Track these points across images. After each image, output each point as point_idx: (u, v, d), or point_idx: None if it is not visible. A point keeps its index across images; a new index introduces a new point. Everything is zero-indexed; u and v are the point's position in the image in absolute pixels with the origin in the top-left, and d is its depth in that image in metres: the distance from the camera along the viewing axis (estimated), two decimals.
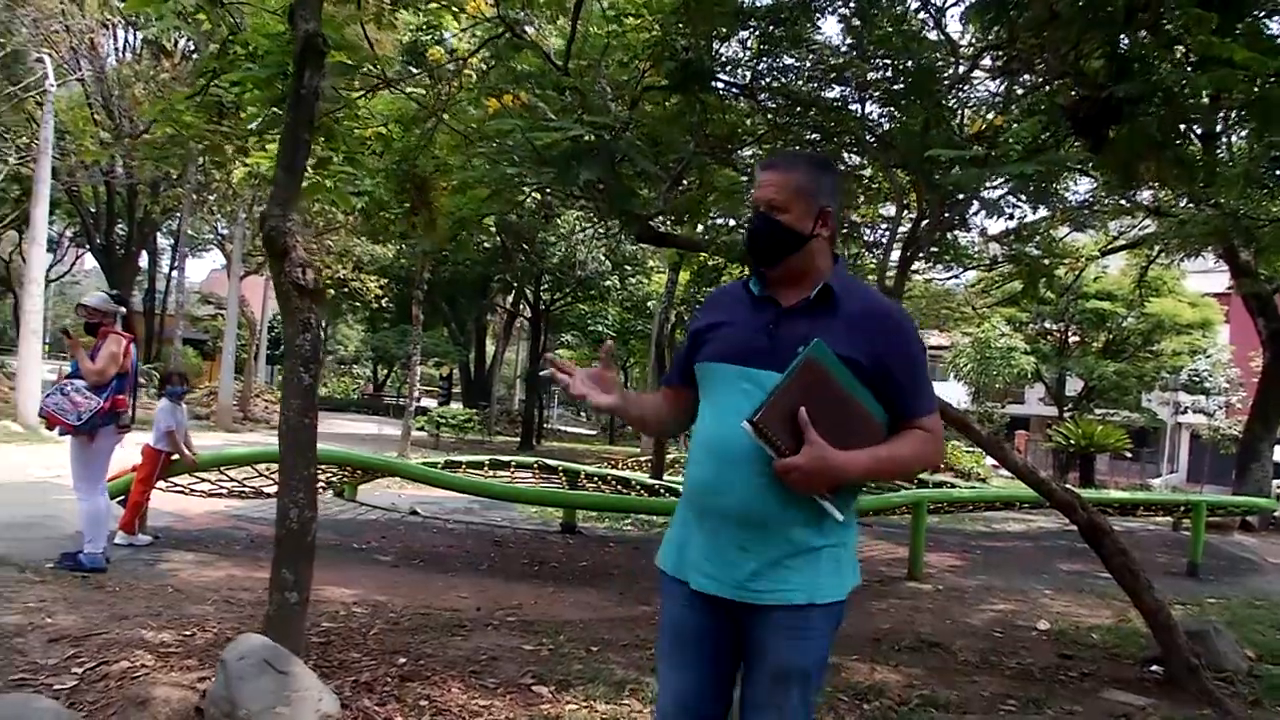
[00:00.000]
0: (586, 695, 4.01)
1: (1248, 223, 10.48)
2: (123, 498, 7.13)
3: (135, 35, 25.31)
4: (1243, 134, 7.04)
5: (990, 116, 4.83)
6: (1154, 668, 5.46)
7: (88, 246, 33.42)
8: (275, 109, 5.51)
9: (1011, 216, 5.65)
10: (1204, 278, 28.79)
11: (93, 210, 30.63)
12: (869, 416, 2.06)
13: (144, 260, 36.39)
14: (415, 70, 7.03)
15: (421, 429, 24.16)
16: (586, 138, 4.94)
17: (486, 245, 24.88)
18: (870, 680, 4.82)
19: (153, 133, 5.80)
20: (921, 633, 6.25)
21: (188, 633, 4.38)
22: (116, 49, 26.19)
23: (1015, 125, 4.37)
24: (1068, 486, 6.20)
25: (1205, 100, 4.39)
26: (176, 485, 7.83)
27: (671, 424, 2.39)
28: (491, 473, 10.64)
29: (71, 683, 3.52)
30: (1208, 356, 30.30)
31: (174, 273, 26.47)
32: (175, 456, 7.26)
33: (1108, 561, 5.38)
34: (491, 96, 5.31)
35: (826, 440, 1.97)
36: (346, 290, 28.70)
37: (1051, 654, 5.85)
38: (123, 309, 6.34)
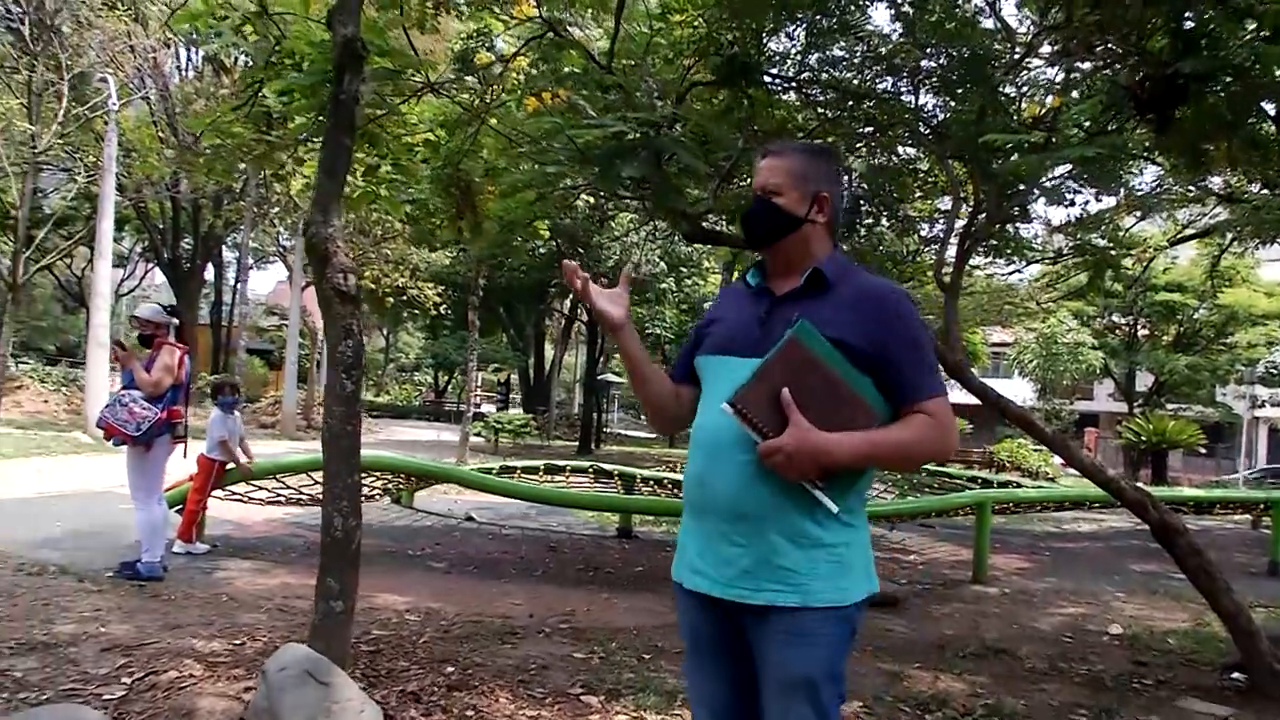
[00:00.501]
0: (637, 705, 3.92)
1: None
2: (180, 507, 7.21)
3: (196, 53, 25.86)
4: None
5: (1049, 100, 4.62)
6: (1234, 675, 5.20)
7: (155, 262, 34.22)
8: (320, 116, 5.53)
9: (1073, 203, 5.43)
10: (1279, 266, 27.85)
11: (160, 226, 31.35)
12: (861, 401, 1.95)
13: (210, 273, 37.27)
14: (465, 76, 7.01)
15: (479, 434, 24.30)
16: (630, 135, 4.85)
17: (541, 250, 24.95)
18: (933, 689, 4.66)
19: (201, 144, 5.85)
20: (987, 638, 6.05)
21: (238, 642, 4.38)
22: (179, 67, 26.83)
23: (1074, 108, 4.17)
24: (1138, 485, 5.95)
25: None
26: (235, 493, 7.90)
27: (672, 414, 2.27)
28: (547, 477, 10.59)
29: (120, 693, 3.52)
30: None
31: (238, 285, 26.93)
32: (230, 465, 7.33)
33: (1182, 563, 5.14)
34: (531, 95, 5.24)
35: (814, 425, 1.90)
36: (405, 298, 29.01)
37: (1124, 660, 5.61)
38: (175, 320, 6.40)
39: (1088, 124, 4.51)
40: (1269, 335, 27.52)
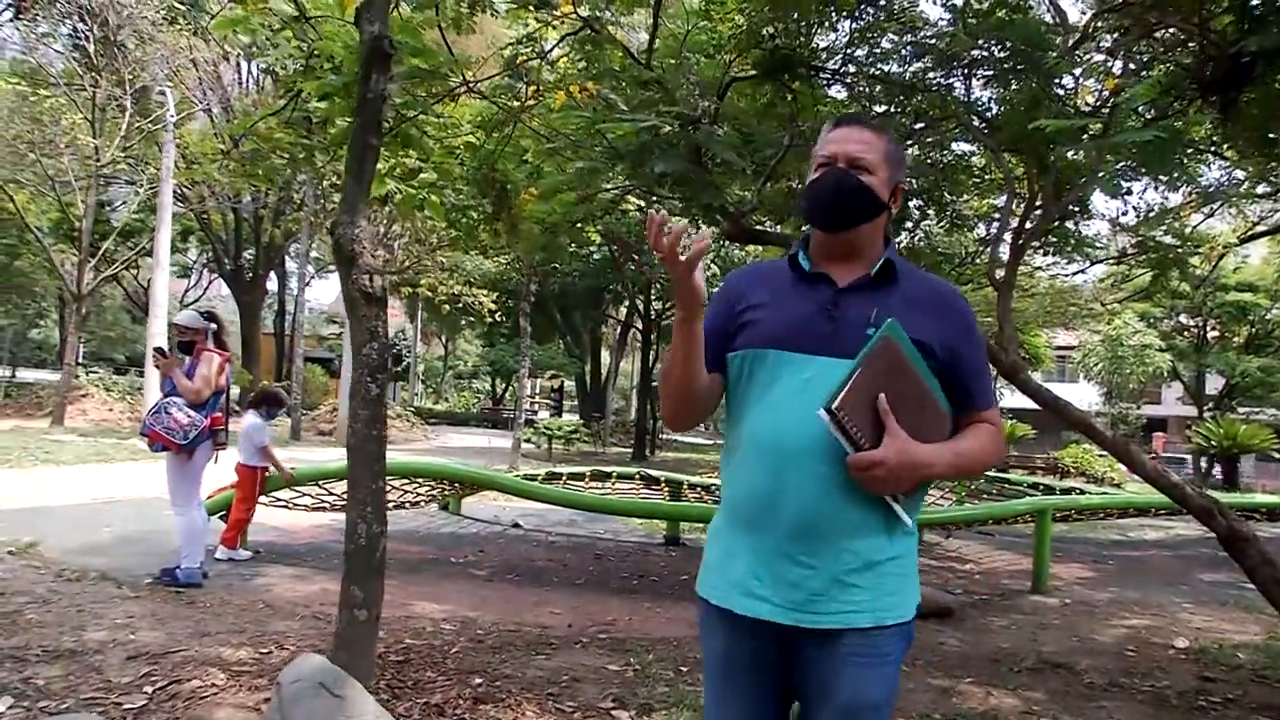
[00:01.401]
0: None
1: None
2: (223, 513, 7.22)
3: (255, 66, 26.34)
4: None
5: (1103, 84, 4.39)
6: None
7: (219, 272, 34.94)
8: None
9: (1129, 192, 5.17)
10: None
11: (222, 237, 32.01)
12: (939, 407, 1.85)
13: (274, 283, 37.99)
14: (509, 78, 6.94)
15: (529, 441, 24.33)
16: (664, 129, 4.72)
17: (595, 256, 24.93)
18: (984, 706, 4.45)
19: (242, 149, 5.89)
20: (1044, 651, 5.79)
21: (265, 650, 4.32)
22: (239, 80, 27.34)
23: (1131, 91, 3.94)
24: (1205, 491, 5.65)
25: None
26: (280, 500, 7.91)
27: (703, 410, 1.97)
28: (593, 484, 10.47)
29: (141, 702, 3.47)
30: None
31: (299, 295, 27.37)
32: (270, 471, 7.32)
33: (1252, 573, 4.86)
34: (560, 90, 5.14)
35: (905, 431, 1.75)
36: (461, 305, 29.21)
37: (1190, 676, 5.32)
38: (214, 325, 6.38)
39: (1146, 109, 4.26)
40: None
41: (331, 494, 8.13)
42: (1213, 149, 5.32)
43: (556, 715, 3.73)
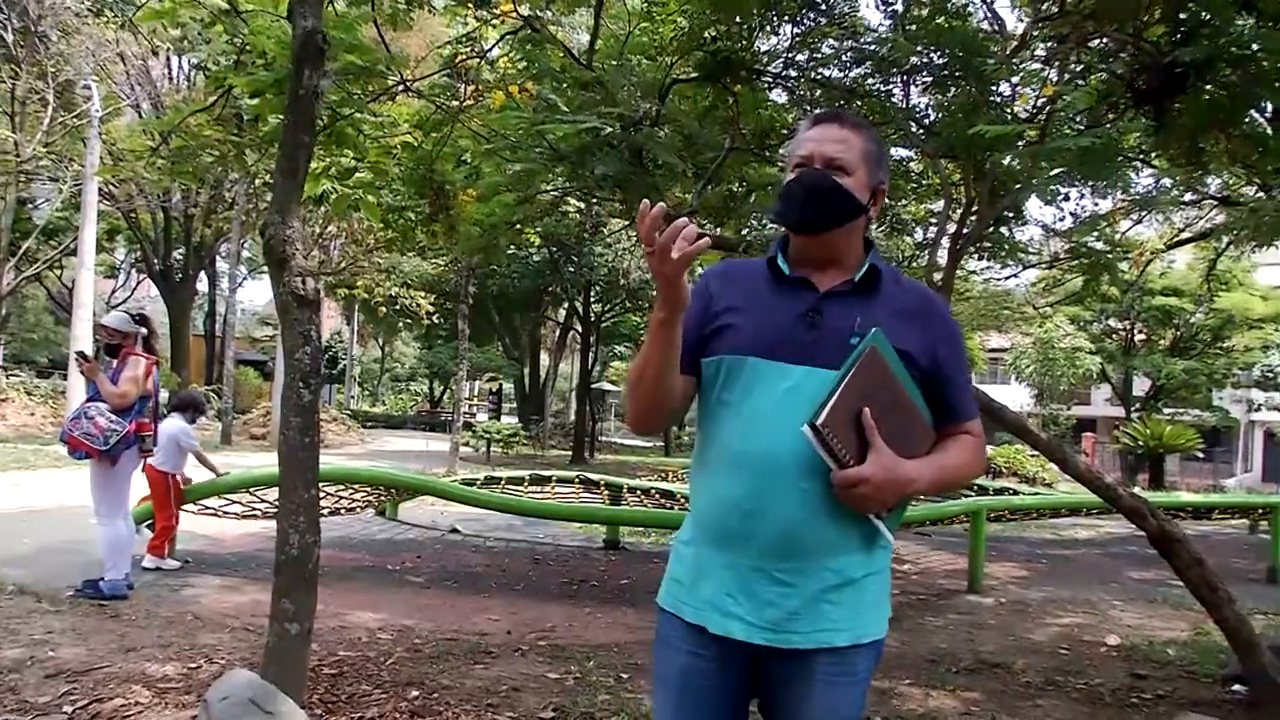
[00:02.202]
0: None
1: None
2: (150, 523, 6.99)
3: (185, 61, 25.70)
4: None
5: (1040, 90, 4.45)
6: (1236, 687, 5.05)
7: (147, 272, 34.02)
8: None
9: (1067, 197, 5.25)
10: (1276, 270, 27.78)
11: (151, 236, 31.19)
12: (924, 420, 1.79)
13: (204, 284, 37.09)
14: (447, 78, 6.83)
15: (469, 444, 24.09)
16: (605, 130, 4.66)
17: (535, 258, 24.79)
18: (924, 708, 4.48)
19: (169, 146, 5.70)
20: (981, 651, 5.86)
21: (193, 665, 4.18)
22: (169, 76, 26.65)
23: (1069, 97, 3.99)
24: (1135, 491, 5.76)
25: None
26: (209, 508, 7.69)
27: (674, 413, 1.88)
28: (532, 488, 10.36)
29: None
30: None
31: (231, 296, 26.75)
32: (186, 477, 7.09)
33: (1182, 573, 4.94)
34: (498, 90, 5.06)
35: (889, 446, 1.69)
36: (399, 307, 28.84)
37: (1122, 673, 5.42)
38: (144, 329, 6.17)
39: (1081, 117, 4.33)
40: (1265, 339, 27.41)
41: (263, 501, 7.91)
42: (1141, 157, 5.42)
43: None
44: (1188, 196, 8.73)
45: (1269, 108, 5.14)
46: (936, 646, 6.00)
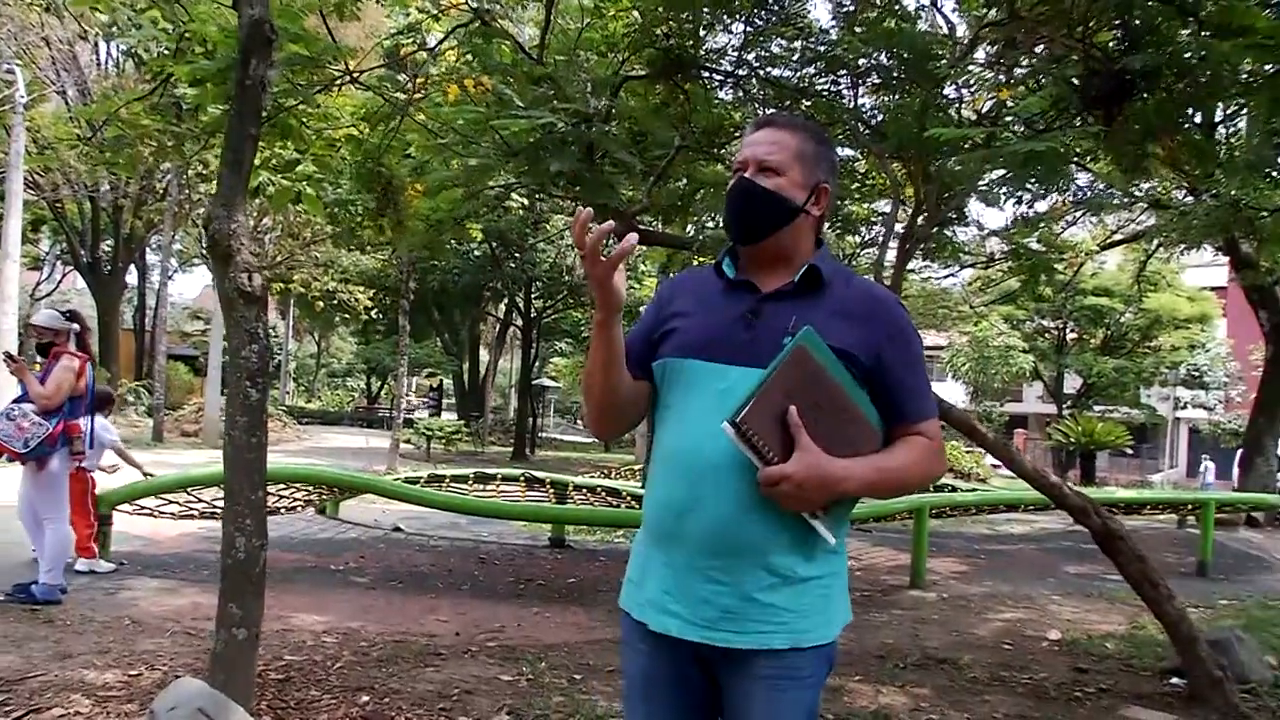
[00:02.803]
0: None
1: (1249, 214, 10.23)
2: None
3: (115, 47, 24.98)
4: (1239, 123, 6.73)
5: (995, 93, 4.51)
6: (1174, 680, 5.18)
7: (74, 265, 33.02)
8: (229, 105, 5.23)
9: (1020, 201, 5.33)
10: (1201, 272, 28.71)
11: (78, 227, 30.26)
12: (865, 420, 1.75)
13: (134, 277, 36.08)
14: (391, 70, 6.71)
15: (409, 441, 23.80)
16: (559, 127, 4.62)
17: (476, 253, 24.58)
18: (875, 704, 4.51)
19: (102, 135, 5.50)
20: (927, 647, 5.93)
21: (134, 672, 4.05)
22: (98, 61, 25.86)
23: (1022, 101, 4.05)
24: (1079, 490, 5.87)
25: (1227, 72, 4.05)
26: (144, 508, 7.47)
27: (630, 418, 1.93)
28: (476, 486, 10.25)
29: None
30: (1206, 351, 30.14)
31: (161, 289, 26.08)
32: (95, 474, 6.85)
33: (1124, 569, 5.05)
34: (453, 83, 4.98)
35: (819, 446, 1.66)
36: (336, 302, 28.38)
37: (1065, 668, 5.53)
38: (76, 326, 5.94)
39: (1036, 120, 4.39)
40: (1191, 338, 28.32)
41: (200, 500, 7.72)
42: (1090, 155, 5.53)
43: None
44: (1124, 199, 8.93)
45: (1199, 116, 5.28)
46: (883, 642, 6.06)
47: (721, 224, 8.03)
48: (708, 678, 1.80)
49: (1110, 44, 4.13)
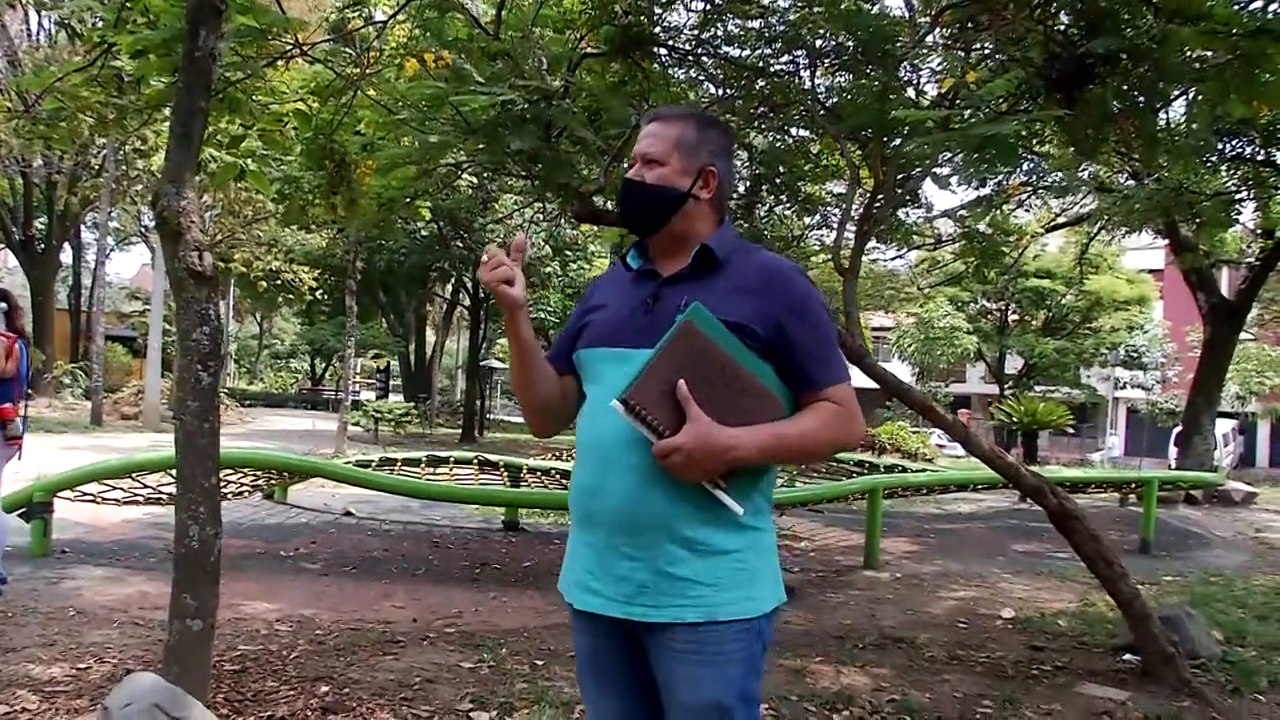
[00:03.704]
0: None
1: (1190, 198, 10.45)
2: (20, 510, 6.53)
3: (46, 18, 24.14)
4: (1181, 108, 6.81)
5: (958, 76, 4.50)
6: (1127, 656, 5.27)
7: (5, 242, 31.97)
8: (175, 78, 5.04)
9: (984, 183, 5.34)
10: (1140, 254, 29.33)
11: (9, 204, 29.31)
12: (764, 391, 1.79)
13: (68, 255, 35.11)
14: (338, 44, 6.52)
15: (358, 424, 23.48)
16: (519, 104, 4.52)
17: (423, 233, 24.26)
18: (837, 685, 4.53)
19: (39, 108, 5.26)
20: (884, 627, 5.98)
21: (83, 665, 3.92)
22: (29, 32, 25.00)
23: (986, 84, 4.04)
24: (1034, 470, 5.95)
25: (1183, 57, 4.09)
26: (86, 494, 7.24)
27: (557, 413, 2.00)
28: (429, 469, 10.11)
29: None
30: (1145, 332, 30.83)
31: (97, 268, 25.36)
32: None
33: (1080, 548, 5.11)
34: (412, 58, 4.85)
35: (714, 418, 1.72)
36: (280, 282, 27.86)
37: (1020, 645, 5.60)
38: (3, 305, 5.67)
39: (1000, 102, 4.39)
40: (1130, 320, 28.95)
41: (145, 486, 7.51)
42: (1052, 137, 5.56)
43: None
44: (1074, 183, 9.04)
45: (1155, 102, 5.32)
46: (841, 623, 6.10)
47: None
48: (642, 651, 1.85)
49: (1070, 29, 4.14)
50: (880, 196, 6.13)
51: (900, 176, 6.08)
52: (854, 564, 8.51)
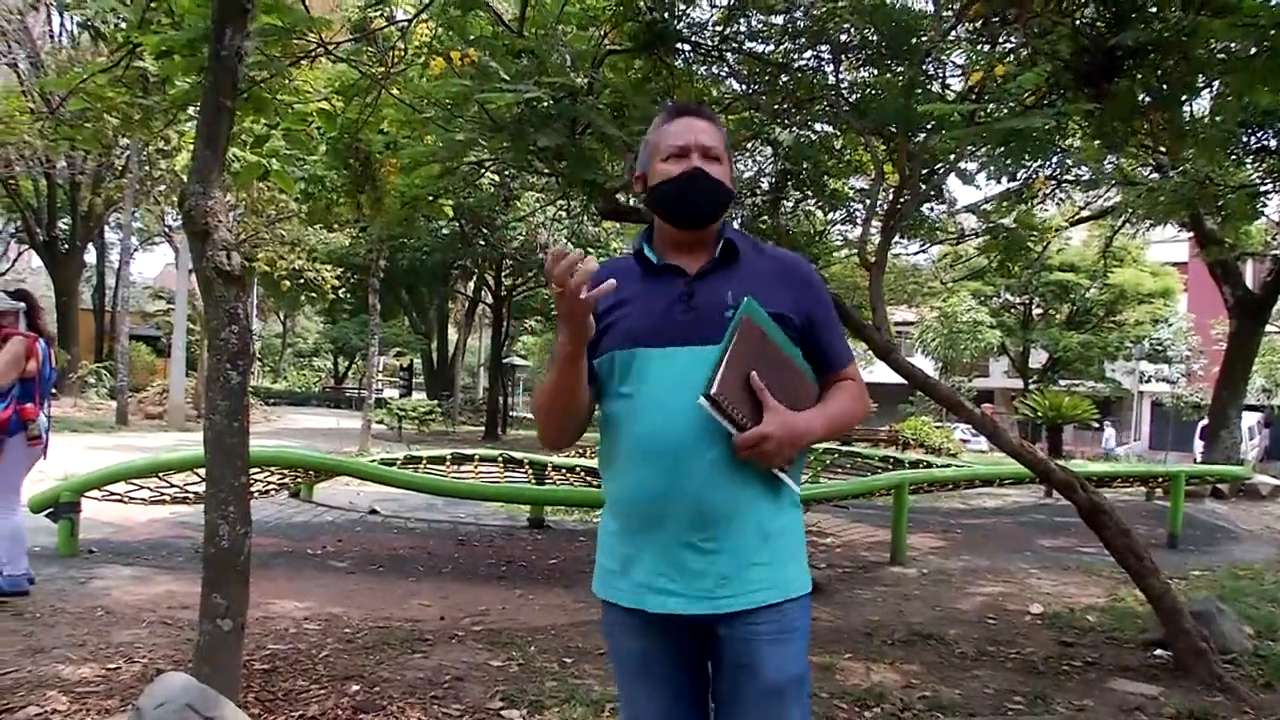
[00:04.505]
0: (563, 718, 3.62)
1: (1215, 190, 10.33)
2: (49, 511, 6.57)
3: (69, 19, 24.33)
4: (1206, 101, 6.73)
5: (985, 69, 4.45)
6: (1158, 651, 5.21)
7: (30, 243, 32.28)
8: (202, 79, 5.05)
9: (1011, 177, 5.28)
10: (1163, 247, 29.04)
11: (33, 205, 29.58)
12: (804, 375, 1.93)
13: (92, 256, 35.41)
14: (362, 43, 6.53)
15: (381, 422, 23.56)
16: (544, 101, 4.51)
17: (445, 231, 24.31)
18: (867, 682, 4.50)
19: (65, 109, 5.29)
20: (913, 623, 5.93)
21: (113, 665, 3.93)
22: (52, 34, 25.22)
23: (1016, 78, 4.00)
24: (1064, 465, 5.89)
25: (1211, 50, 4.03)
26: (113, 493, 7.29)
27: (580, 426, 1.97)
28: (454, 467, 10.13)
29: None
30: (1169, 325, 30.53)
31: (121, 268, 25.55)
32: None
33: (1110, 543, 5.06)
34: (438, 55, 4.85)
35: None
36: (303, 281, 27.95)
37: (1050, 641, 5.55)
38: (23, 304, 5.66)
39: (1027, 96, 4.34)
40: (1154, 313, 28.67)
41: (171, 485, 7.56)
42: (1083, 130, 5.50)
43: None
44: (1101, 176, 8.95)
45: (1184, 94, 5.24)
46: (869, 619, 6.06)
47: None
48: (701, 650, 1.89)
49: (1097, 21, 4.09)
50: (906, 192, 6.08)
51: (925, 172, 6.03)
52: (881, 560, 8.47)
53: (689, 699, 1.93)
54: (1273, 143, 10.76)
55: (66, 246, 30.27)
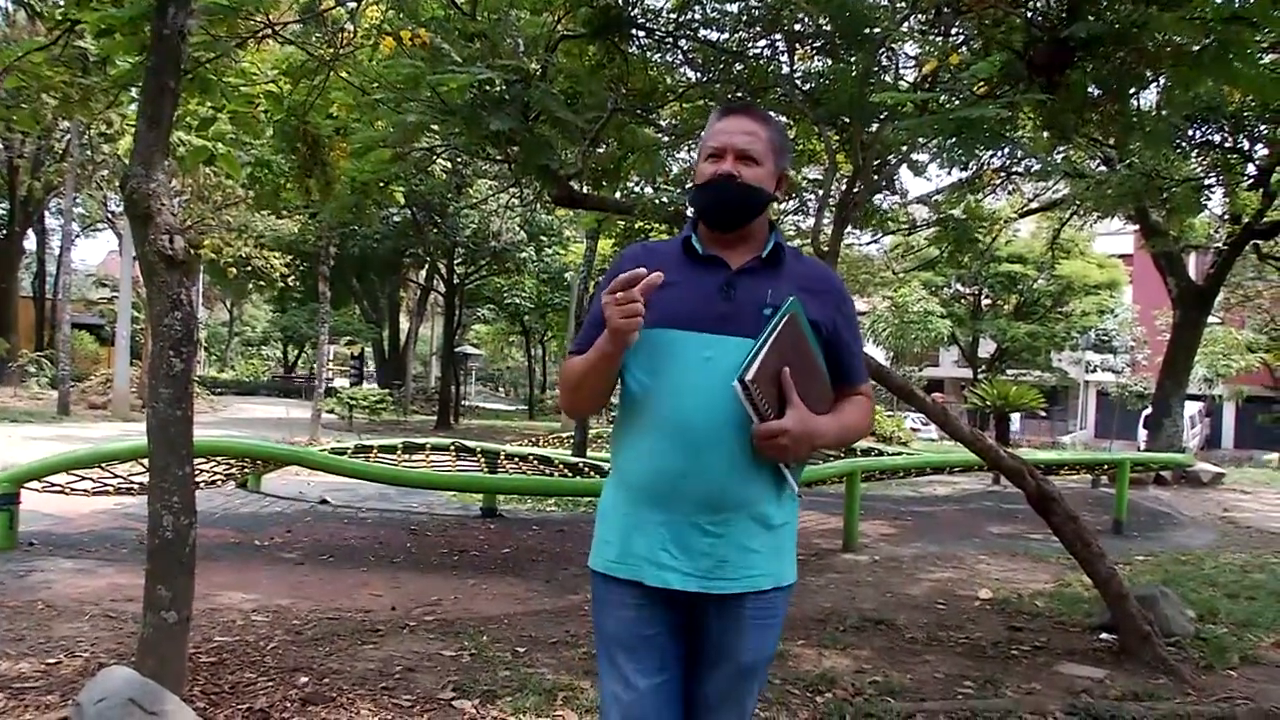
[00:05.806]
0: (515, 708, 3.60)
1: (1161, 183, 10.54)
2: None
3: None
4: (1154, 94, 6.84)
5: (940, 59, 4.48)
6: (1104, 635, 5.31)
7: None
8: (144, 58, 4.92)
9: (963, 167, 5.33)
10: (1110, 240, 29.61)
11: None
12: (826, 381, 2.00)
13: (32, 242, 34.54)
14: (308, 22, 6.40)
15: (332, 411, 23.27)
16: (497, 85, 4.45)
17: (397, 218, 24.06)
18: (819, 668, 4.52)
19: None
20: (864, 609, 5.98)
21: (53, 660, 3.83)
22: None
23: (970, 67, 4.03)
24: (1014, 453, 5.96)
25: (1160, 42, 4.09)
26: (54, 484, 7.11)
27: (607, 394, 2.05)
28: (405, 456, 10.03)
29: None
30: (1115, 316, 31.13)
31: (62, 255, 24.95)
32: None
33: (1058, 529, 5.14)
34: (388, 35, 4.76)
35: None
36: (250, 269, 27.48)
37: (999, 626, 5.63)
38: None
39: (979, 86, 4.38)
40: (1100, 304, 29.23)
41: (115, 476, 7.38)
42: (1001, 128, 5.56)
43: (395, 711, 3.48)
44: (1049, 167, 9.07)
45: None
46: (821, 606, 6.10)
47: (653, 188, 7.95)
48: (689, 624, 1.97)
49: (1049, 13, 4.14)
50: (859, 182, 6.11)
51: (878, 162, 6.06)
52: (833, 547, 8.53)
53: (672, 671, 1.99)
54: (1217, 137, 11.00)
55: (4, 232, 29.51)
